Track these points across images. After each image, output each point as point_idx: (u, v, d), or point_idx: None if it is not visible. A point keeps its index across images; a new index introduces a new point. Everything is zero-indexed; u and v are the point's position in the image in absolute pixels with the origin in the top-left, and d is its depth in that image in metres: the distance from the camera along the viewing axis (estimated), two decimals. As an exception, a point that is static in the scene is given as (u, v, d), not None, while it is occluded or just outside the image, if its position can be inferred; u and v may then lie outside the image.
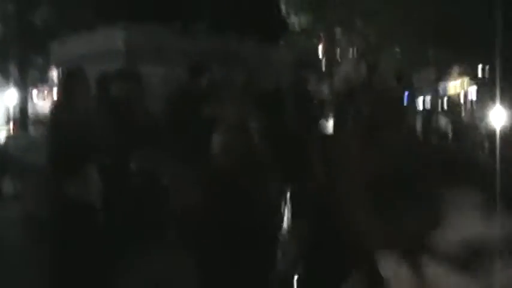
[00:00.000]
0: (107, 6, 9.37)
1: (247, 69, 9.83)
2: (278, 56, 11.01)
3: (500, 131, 6.73)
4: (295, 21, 20.15)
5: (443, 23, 18.11)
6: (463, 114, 21.06)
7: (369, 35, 22.71)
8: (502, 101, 16.33)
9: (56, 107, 7.26)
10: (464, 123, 16.58)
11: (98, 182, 6.01)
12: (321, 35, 22.76)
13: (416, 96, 16.55)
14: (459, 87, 23.24)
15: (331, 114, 8.93)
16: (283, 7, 13.06)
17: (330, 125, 9.12)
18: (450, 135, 14.15)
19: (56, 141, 6.95)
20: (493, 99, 17.52)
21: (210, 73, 7.69)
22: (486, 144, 11.47)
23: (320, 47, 21.70)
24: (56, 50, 10.30)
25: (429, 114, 16.31)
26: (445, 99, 23.03)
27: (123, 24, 8.99)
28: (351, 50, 23.35)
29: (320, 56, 20.72)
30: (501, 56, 17.80)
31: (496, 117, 12.37)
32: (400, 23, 19.78)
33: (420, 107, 17.66)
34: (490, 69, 19.72)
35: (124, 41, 8.75)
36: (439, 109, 22.09)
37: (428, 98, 23.21)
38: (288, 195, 6.71)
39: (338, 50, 23.00)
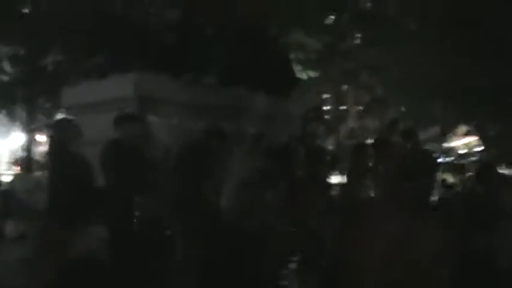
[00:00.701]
0: (120, 54, 9.42)
1: (257, 123, 9.89)
2: (287, 111, 11.05)
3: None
4: (304, 76, 20.31)
5: (451, 81, 18.20)
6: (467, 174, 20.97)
7: (376, 90, 22.88)
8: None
9: (50, 154, 7.33)
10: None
11: (101, 232, 5.98)
12: (329, 90, 22.96)
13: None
14: (465, 146, 23.24)
15: (338, 168, 8.97)
16: (292, 62, 13.14)
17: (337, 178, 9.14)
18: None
19: (53, 188, 6.99)
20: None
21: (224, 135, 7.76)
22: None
23: (328, 102, 21.88)
24: (65, 95, 10.33)
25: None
26: (451, 158, 23.00)
27: (134, 73, 9.04)
28: (358, 104, 23.47)
29: (328, 111, 20.79)
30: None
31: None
32: (407, 79, 19.89)
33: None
34: (497, 129, 19.78)
35: (134, 90, 8.78)
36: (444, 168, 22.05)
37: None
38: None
39: (345, 105, 23.15)
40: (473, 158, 22.93)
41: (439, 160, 8.20)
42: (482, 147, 22.16)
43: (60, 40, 16.08)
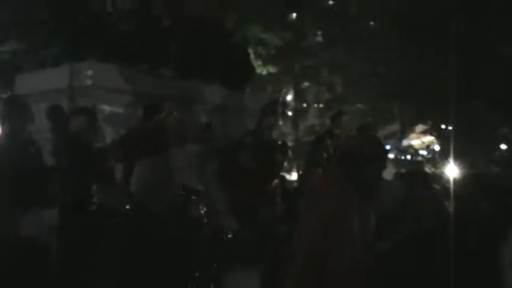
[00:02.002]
0: (74, 43, 9.34)
1: (212, 115, 9.91)
2: (244, 103, 11.08)
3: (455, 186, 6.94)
4: (263, 70, 20.36)
5: (408, 81, 18.39)
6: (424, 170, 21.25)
7: (335, 87, 23.03)
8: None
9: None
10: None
11: (51, 219, 5.92)
12: (288, 84, 23.04)
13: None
14: (421, 144, 23.53)
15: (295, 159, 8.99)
16: (250, 56, 13.16)
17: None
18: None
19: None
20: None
21: (165, 113, 7.73)
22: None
23: (287, 96, 21.92)
24: (18, 83, 10.21)
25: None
26: (408, 156, 23.26)
27: (89, 62, 8.98)
28: (316, 100, 23.58)
29: (286, 105, 20.84)
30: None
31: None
32: (366, 78, 20.06)
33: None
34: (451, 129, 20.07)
35: (89, 79, 8.73)
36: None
37: (391, 153, 23.43)
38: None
39: (304, 100, 23.26)
40: (430, 156, 23.24)
41: (388, 147, 8.25)
42: (438, 146, 22.44)
43: (15, 29, 15.86)
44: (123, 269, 3.87)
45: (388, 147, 9.08)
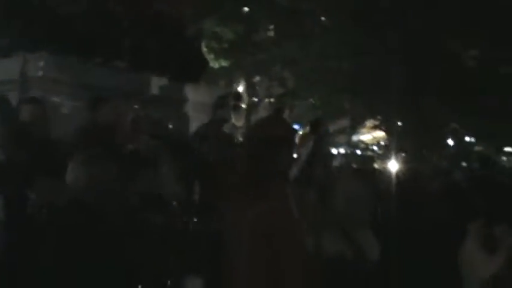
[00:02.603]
0: (26, 34, 9.20)
1: (164, 108, 9.87)
2: (196, 97, 11.08)
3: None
4: (216, 64, 20.31)
5: (359, 76, 18.58)
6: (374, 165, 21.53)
7: (286, 81, 23.10)
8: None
9: None
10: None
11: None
12: (241, 79, 23.04)
13: (332, 145, 16.84)
14: (372, 139, 23.82)
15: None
16: (204, 50, 13.15)
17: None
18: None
19: None
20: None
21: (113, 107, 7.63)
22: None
23: (240, 91, 21.88)
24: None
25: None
26: (358, 151, 23.52)
27: (40, 53, 8.86)
28: (268, 94, 23.61)
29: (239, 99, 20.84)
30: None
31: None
32: (317, 73, 20.18)
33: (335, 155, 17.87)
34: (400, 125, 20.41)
35: (41, 70, 8.62)
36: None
37: (342, 148, 23.66)
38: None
39: (256, 94, 23.27)
40: (380, 151, 23.52)
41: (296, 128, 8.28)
42: (388, 141, 22.74)
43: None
44: (52, 268, 3.79)
45: (296, 126, 9.12)
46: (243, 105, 7.90)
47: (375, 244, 4.27)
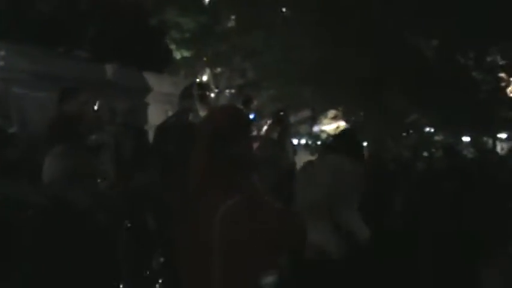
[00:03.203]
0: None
1: (126, 98, 9.79)
2: (160, 87, 11.03)
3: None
4: (178, 55, 20.20)
5: (320, 67, 18.62)
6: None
7: (247, 72, 23.11)
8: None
9: None
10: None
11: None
12: (203, 69, 22.98)
13: (293, 136, 16.91)
14: (334, 130, 23.93)
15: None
16: (166, 41, 13.08)
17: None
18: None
19: None
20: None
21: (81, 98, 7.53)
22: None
23: (202, 81, 21.79)
24: None
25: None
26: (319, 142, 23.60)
27: (2, 42, 8.71)
28: (229, 85, 23.60)
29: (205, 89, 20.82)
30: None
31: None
32: (278, 63, 20.18)
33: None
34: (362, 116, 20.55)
35: (3, 60, 8.47)
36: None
37: (303, 139, 23.76)
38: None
39: (217, 85, 23.20)
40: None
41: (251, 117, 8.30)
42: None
43: None
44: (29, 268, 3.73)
45: (251, 116, 9.11)
46: (209, 95, 7.83)
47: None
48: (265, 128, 9.28)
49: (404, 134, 20.76)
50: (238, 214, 3.05)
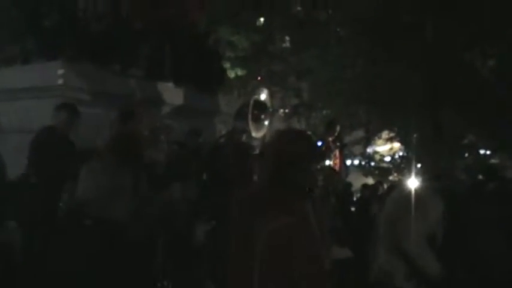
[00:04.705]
0: (46, 41, 9.21)
1: (182, 117, 9.86)
2: (216, 107, 11.07)
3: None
4: (231, 73, 20.28)
5: (375, 87, 18.49)
6: (389, 177, 21.46)
7: (302, 92, 23.07)
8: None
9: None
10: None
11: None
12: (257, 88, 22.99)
13: (346, 156, 16.77)
14: (388, 151, 23.70)
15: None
16: (220, 59, 13.14)
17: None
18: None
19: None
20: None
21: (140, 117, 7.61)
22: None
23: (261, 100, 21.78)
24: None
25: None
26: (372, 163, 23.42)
27: (61, 61, 8.85)
28: (284, 104, 23.56)
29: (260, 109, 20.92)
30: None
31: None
32: (333, 82, 20.12)
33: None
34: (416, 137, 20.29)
35: (61, 78, 8.60)
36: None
37: (356, 159, 23.57)
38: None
39: (272, 106, 23.19)
40: (395, 163, 23.40)
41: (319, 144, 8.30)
42: (403, 153, 22.66)
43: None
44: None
45: (319, 143, 9.11)
46: (265, 115, 7.81)
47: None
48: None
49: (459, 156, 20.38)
50: (282, 238, 3.09)
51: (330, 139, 9.53)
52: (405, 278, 3.77)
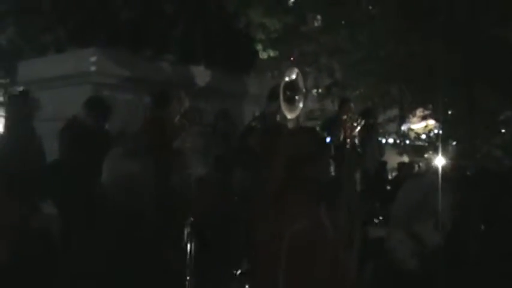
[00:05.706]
0: (78, 29, 9.30)
1: (216, 101, 9.88)
2: (247, 88, 11.07)
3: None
4: (263, 55, 20.26)
5: (408, 65, 18.32)
6: (424, 155, 21.26)
7: (334, 72, 22.94)
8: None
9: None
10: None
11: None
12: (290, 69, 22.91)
13: (381, 135, 16.69)
14: (422, 129, 23.47)
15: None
16: (253, 42, 13.13)
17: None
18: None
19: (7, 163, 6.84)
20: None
21: (174, 101, 7.64)
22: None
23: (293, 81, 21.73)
24: (22, 70, 10.17)
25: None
26: (407, 141, 23.20)
27: (94, 48, 8.94)
28: (316, 85, 23.44)
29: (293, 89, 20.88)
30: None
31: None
32: (366, 62, 19.98)
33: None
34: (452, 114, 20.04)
35: (94, 65, 8.69)
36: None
37: (391, 138, 23.38)
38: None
39: (305, 86, 23.11)
40: (431, 140, 23.17)
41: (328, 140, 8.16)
42: (438, 131, 22.41)
43: (16, 14, 15.79)
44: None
45: (328, 139, 9.02)
46: (298, 96, 7.78)
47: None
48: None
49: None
50: (302, 240, 3.19)
51: (344, 117, 9.41)
52: (410, 255, 3.85)
